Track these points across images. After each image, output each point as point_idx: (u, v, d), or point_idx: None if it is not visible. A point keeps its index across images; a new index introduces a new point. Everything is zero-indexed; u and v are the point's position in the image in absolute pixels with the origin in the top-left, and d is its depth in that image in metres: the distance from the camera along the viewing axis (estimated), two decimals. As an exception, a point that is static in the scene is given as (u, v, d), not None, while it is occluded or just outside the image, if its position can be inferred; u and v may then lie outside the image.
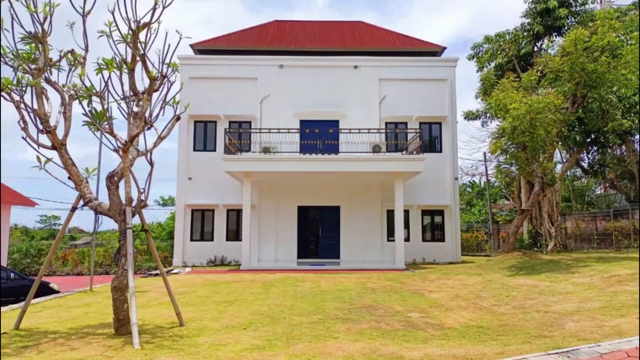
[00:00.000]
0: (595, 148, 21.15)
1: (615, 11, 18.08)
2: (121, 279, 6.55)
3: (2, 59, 6.49)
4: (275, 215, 20.83)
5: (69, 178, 6.91)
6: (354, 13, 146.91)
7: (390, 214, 20.28)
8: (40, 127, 6.59)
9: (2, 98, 6.41)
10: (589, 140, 19.81)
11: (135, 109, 7.06)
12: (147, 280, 14.66)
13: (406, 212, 20.61)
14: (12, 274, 13.99)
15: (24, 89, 6.49)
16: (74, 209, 7.25)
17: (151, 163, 7.01)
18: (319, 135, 19.92)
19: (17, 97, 6.48)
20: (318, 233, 21.25)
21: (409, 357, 5.13)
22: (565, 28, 20.46)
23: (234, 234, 21.02)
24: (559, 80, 16.29)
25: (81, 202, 7.05)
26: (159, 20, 6.71)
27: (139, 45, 6.69)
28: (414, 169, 17.81)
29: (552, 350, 5.18)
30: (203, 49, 22.69)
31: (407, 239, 20.43)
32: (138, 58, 6.79)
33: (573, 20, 20.73)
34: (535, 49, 21.53)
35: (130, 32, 6.58)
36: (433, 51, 23.48)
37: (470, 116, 24.43)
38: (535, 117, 14.41)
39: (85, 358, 5.23)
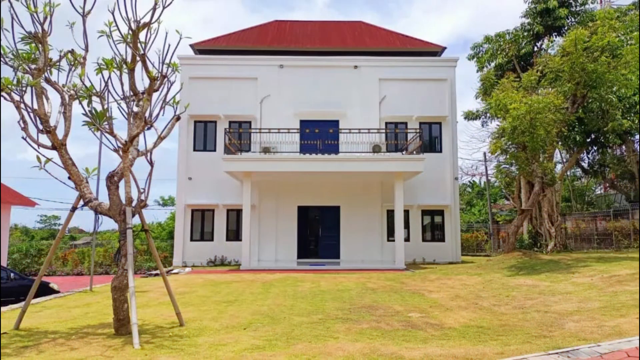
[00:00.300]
0: (595, 148, 21.16)
1: (615, 11, 18.07)
2: (121, 279, 6.55)
3: (2, 59, 6.49)
4: (275, 215, 20.83)
5: (69, 178, 6.91)
6: (354, 13, 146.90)
7: (390, 214, 20.28)
8: (40, 127, 6.59)
9: (2, 98, 6.41)
10: (589, 140, 19.81)
11: (135, 109, 7.06)
12: (147, 280, 14.66)
13: (406, 212, 20.61)
14: (12, 274, 14.00)
15: (24, 89, 6.49)
16: (74, 209, 7.25)
17: (151, 163, 7.01)
18: (319, 135, 19.93)
19: (17, 97, 6.48)
20: (318, 233, 21.25)
21: (409, 357, 5.13)
22: (565, 28, 20.46)
23: (234, 234, 21.02)
24: (559, 80, 16.29)
25: (81, 202, 7.05)
26: (159, 20, 6.71)
27: (139, 45, 6.69)
28: (414, 169, 17.82)
29: (552, 350, 5.18)
30: (203, 49, 22.70)
31: (407, 239, 20.43)
32: (138, 58, 6.79)
33: (573, 20, 20.74)
34: (535, 49, 21.54)
35: (130, 32, 6.58)
36: (433, 51, 23.48)
37: (470, 116, 24.44)
38: (535, 117, 14.41)
39: (85, 358, 5.23)
